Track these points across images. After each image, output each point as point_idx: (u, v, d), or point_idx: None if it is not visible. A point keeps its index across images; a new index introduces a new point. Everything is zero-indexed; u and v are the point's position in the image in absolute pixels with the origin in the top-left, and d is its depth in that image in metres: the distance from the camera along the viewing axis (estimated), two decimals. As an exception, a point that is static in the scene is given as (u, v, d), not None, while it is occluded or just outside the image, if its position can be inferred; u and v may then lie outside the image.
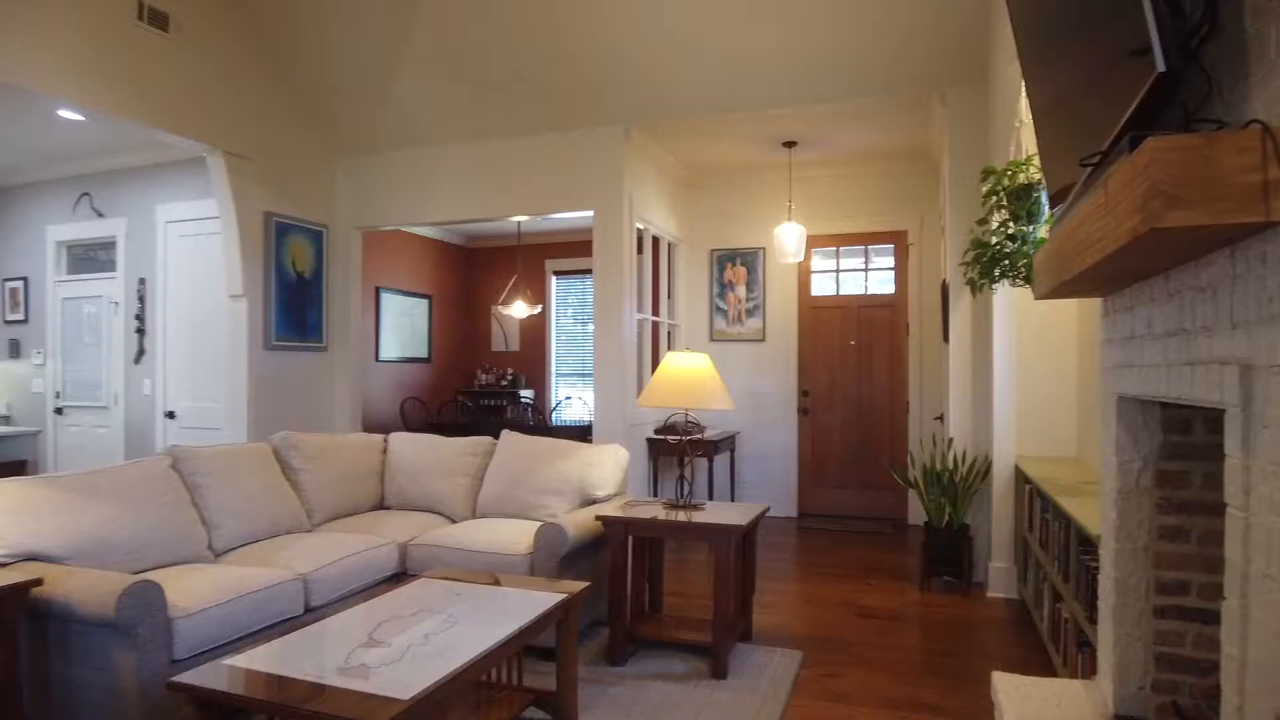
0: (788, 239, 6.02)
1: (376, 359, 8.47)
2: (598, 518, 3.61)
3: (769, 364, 7.07)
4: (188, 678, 2.09)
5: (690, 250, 7.25)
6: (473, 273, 10.16)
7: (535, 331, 9.75)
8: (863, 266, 6.95)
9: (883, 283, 6.89)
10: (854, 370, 6.90)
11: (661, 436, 6.04)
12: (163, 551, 3.24)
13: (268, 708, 1.97)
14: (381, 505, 4.57)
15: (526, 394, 9.42)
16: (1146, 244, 1.30)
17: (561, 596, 2.78)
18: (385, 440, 4.75)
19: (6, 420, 7.35)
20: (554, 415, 8.73)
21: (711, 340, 7.22)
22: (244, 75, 5.40)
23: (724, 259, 7.18)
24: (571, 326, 9.75)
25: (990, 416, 4.56)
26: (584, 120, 5.52)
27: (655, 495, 6.32)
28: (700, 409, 3.67)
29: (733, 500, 6.96)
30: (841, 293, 7.00)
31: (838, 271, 7.02)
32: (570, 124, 5.57)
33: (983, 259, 3.61)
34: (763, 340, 7.08)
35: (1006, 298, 4.39)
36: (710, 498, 6.45)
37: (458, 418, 8.39)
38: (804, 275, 7.03)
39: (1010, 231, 3.52)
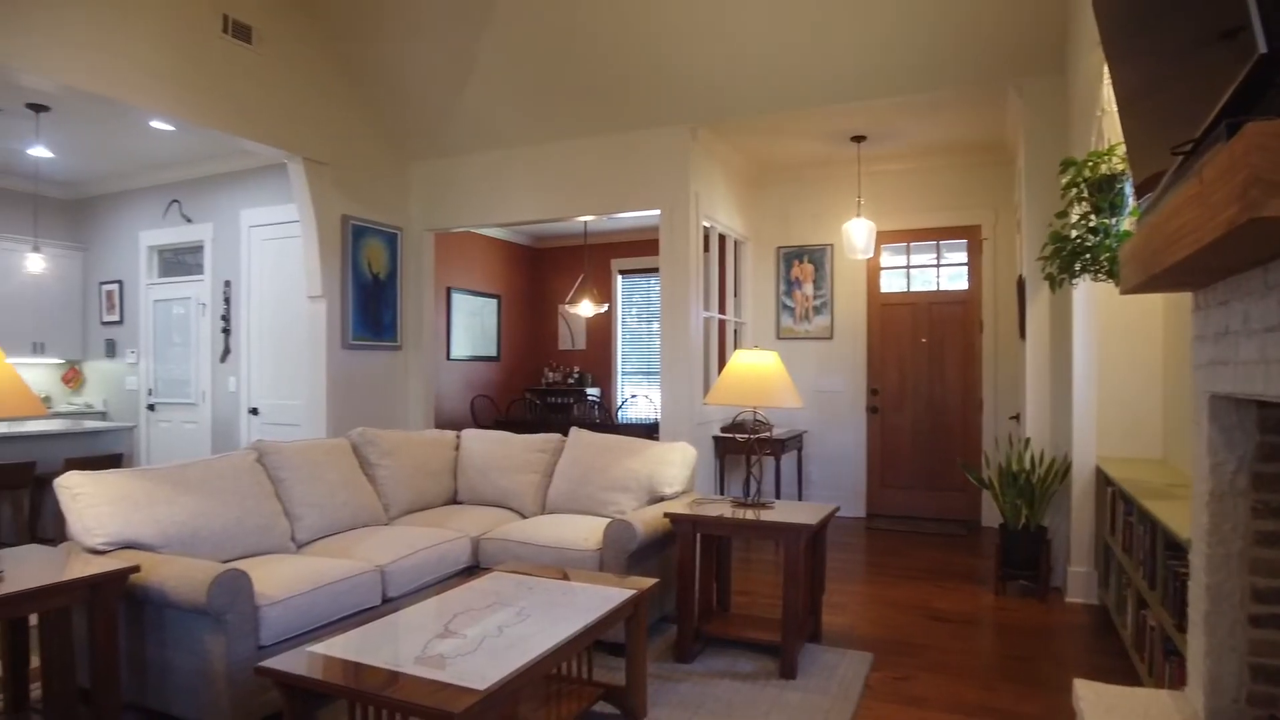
0: (857, 235, 5.93)
1: (447, 357, 8.65)
2: (666, 515, 3.62)
3: (837, 362, 6.98)
4: (274, 663, 2.17)
5: (757, 248, 7.20)
6: (540, 272, 10.29)
7: (601, 330, 9.82)
8: (934, 262, 6.80)
9: (955, 279, 6.73)
10: (925, 368, 6.76)
11: (728, 435, 6.02)
12: (249, 542, 3.38)
13: (349, 694, 2.04)
14: (454, 500, 4.68)
15: (593, 392, 9.50)
16: (1244, 235, 1.24)
17: (631, 593, 2.80)
18: (457, 437, 4.86)
19: (103, 416, 7.75)
20: (620, 413, 8.78)
21: (778, 338, 7.17)
22: (322, 84, 5.58)
23: (791, 256, 7.11)
24: (637, 325, 9.80)
25: (1069, 416, 4.42)
26: (650, 120, 5.54)
27: (722, 493, 6.31)
28: (768, 407, 3.65)
29: (799, 499, 6.89)
30: (912, 289, 6.86)
31: (908, 268, 6.88)
32: (636, 124, 5.60)
33: (1062, 253, 3.50)
34: (830, 338, 6.99)
35: (1087, 293, 4.24)
36: (777, 497, 6.40)
37: (525, 415, 8.51)
38: (873, 272, 6.92)
39: (1092, 224, 3.40)
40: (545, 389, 9.69)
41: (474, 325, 9.10)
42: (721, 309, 6.48)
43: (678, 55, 5.06)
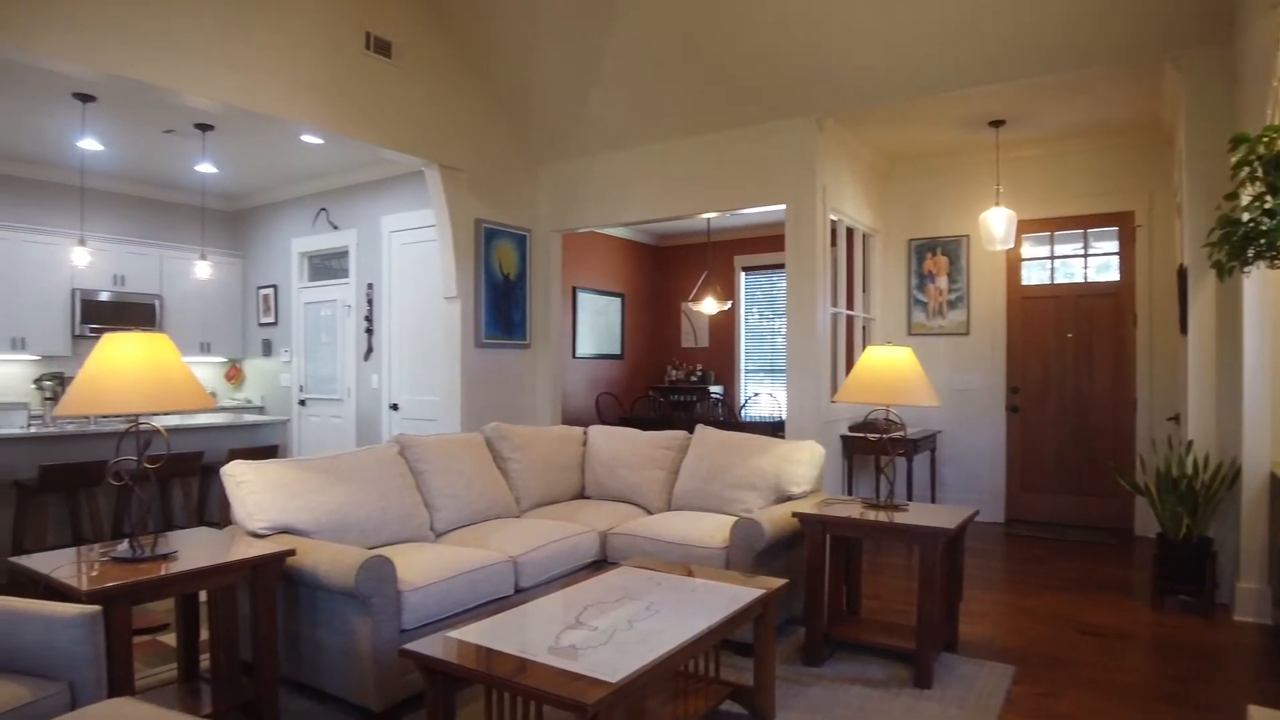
0: (996, 225, 5.64)
1: (573, 355, 8.83)
2: (794, 515, 3.56)
3: (973, 359, 6.67)
4: (417, 646, 2.27)
5: (886, 241, 6.98)
6: (663, 271, 10.35)
7: (724, 328, 9.78)
8: (1081, 252, 6.38)
9: (1104, 269, 6.29)
10: (1071, 365, 6.36)
11: (858, 434, 5.86)
12: (392, 530, 3.56)
13: (486, 680, 2.11)
14: (581, 495, 4.77)
15: (716, 390, 9.47)
16: None
17: (760, 592, 2.77)
18: (585, 433, 4.95)
19: (260, 410, 8.36)
20: (743, 411, 8.71)
21: (910, 334, 6.92)
22: (456, 93, 5.81)
23: (923, 249, 6.85)
24: (760, 322, 9.69)
25: (1238, 417, 4.04)
26: (775, 113, 5.46)
27: (850, 494, 6.15)
28: (902, 405, 3.53)
29: (932, 502, 6.63)
30: (1056, 281, 6.47)
31: (1052, 258, 6.49)
32: (761, 118, 5.53)
33: (1232, 238, 3.18)
34: (966, 334, 6.69)
35: (1261, 282, 3.87)
36: (909, 499, 6.18)
37: (649, 413, 8.58)
38: (1013, 263, 6.57)
39: (1268, 206, 3.08)
40: (668, 387, 9.74)
41: (598, 324, 9.25)
42: (849, 305, 6.31)
43: (803, 45, 4.96)
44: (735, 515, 4.01)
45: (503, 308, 6.24)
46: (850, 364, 6.44)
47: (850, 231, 6.34)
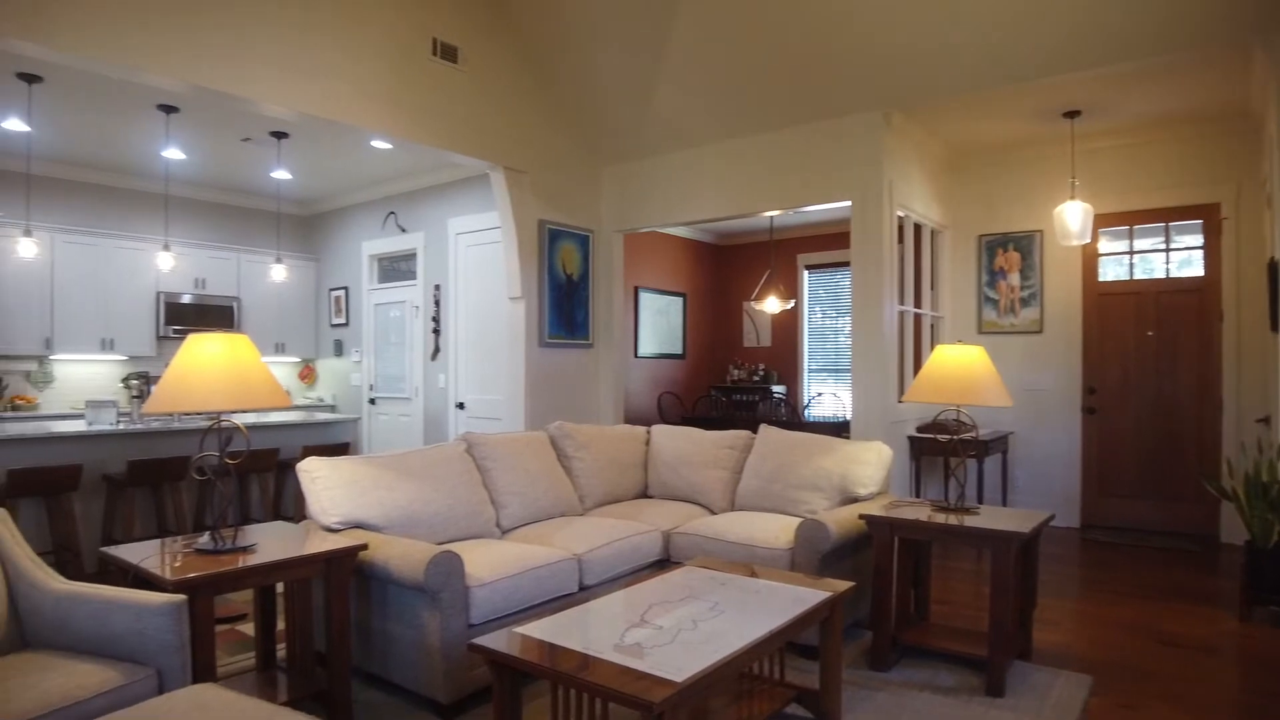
0: (1071, 219, 5.46)
1: (635, 355, 8.86)
2: (861, 516, 3.50)
3: (1047, 358, 6.47)
4: (485, 641, 2.31)
5: (955, 237, 6.82)
6: (724, 270, 10.30)
7: (786, 327, 9.69)
8: (1163, 246, 6.13)
9: (1187, 264, 6.03)
10: (1151, 364, 6.11)
11: (926, 435, 5.74)
12: (459, 526, 3.62)
13: (553, 676, 2.13)
14: (644, 494, 4.78)
15: (779, 389, 9.38)
16: None
17: (827, 594, 2.73)
18: (648, 432, 4.96)
19: (332, 409, 8.61)
20: (806, 411, 8.61)
21: (980, 333, 6.74)
22: (520, 96, 5.88)
23: (994, 245, 6.67)
24: (823, 321, 9.57)
25: (1339, 419, 3.83)
26: (840, 108, 5.38)
27: (917, 496, 6.02)
28: (974, 405, 3.44)
29: (1003, 505, 6.45)
30: (1135, 277, 6.22)
31: (1130, 253, 6.25)
32: (825, 113, 5.46)
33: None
34: (1040, 332, 6.48)
35: (1362, 277, 3.66)
36: (979, 502, 6.02)
37: (710, 412, 8.55)
38: (1089, 259, 6.34)
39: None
40: (730, 386, 9.69)
41: (660, 323, 9.26)
42: (917, 303, 6.18)
43: (869, 38, 4.87)
44: (800, 516, 3.97)
45: (566, 308, 6.29)
46: (918, 363, 6.31)
47: (918, 227, 6.22)
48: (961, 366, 3.50)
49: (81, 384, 7.34)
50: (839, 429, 6.84)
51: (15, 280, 6.71)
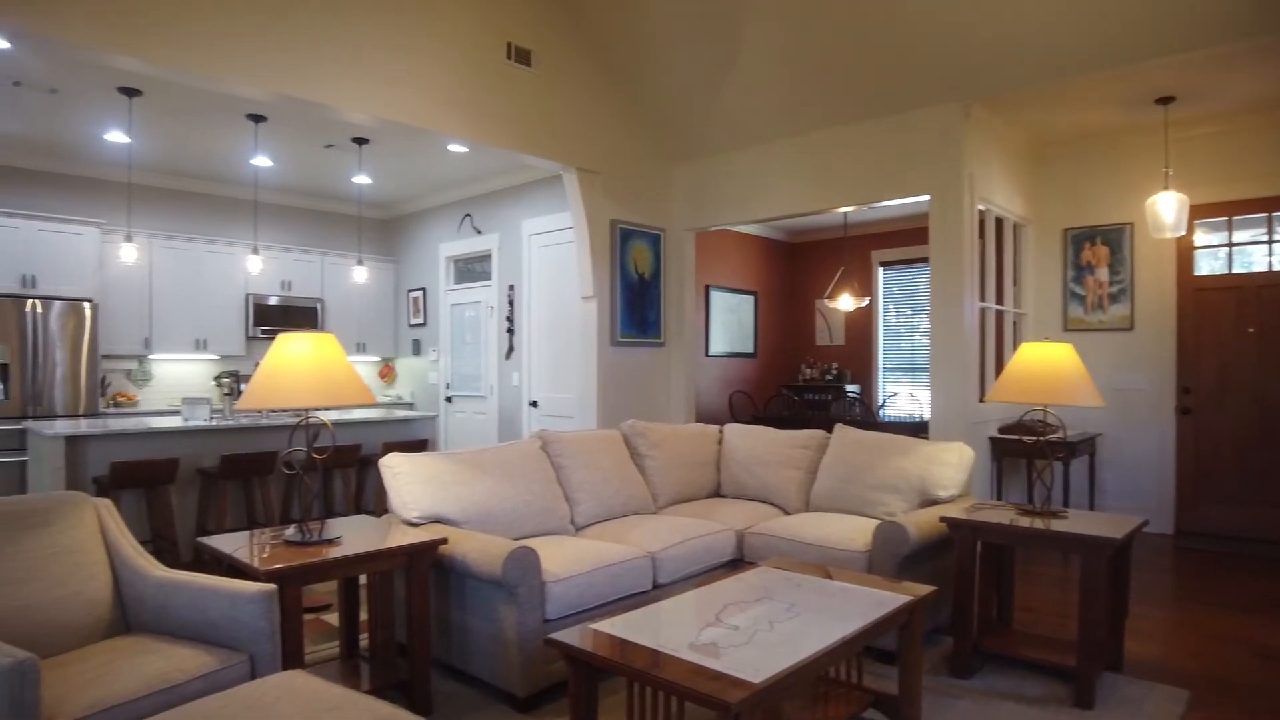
0: (1165, 211, 5.20)
1: (706, 354, 8.83)
2: (942, 519, 3.41)
3: (1137, 356, 6.18)
4: (562, 636, 2.33)
5: (1039, 231, 6.58)
6: (796, 267, 10.18)
7: (860, 325, 9.51)
8: (1265, 238, 5.79)
9: (1295, 257, 5.69)
10: (1253, 363, 5.78)
11: (1009, 436, 5.56)
12: (534, 523, 3.67)
13: (630, 673, 2.13)
14: (717, 493, 4.75)
15: (852, 389, 9.22)
16: None
17: (907, 598, 2.67)
18: (720, 431, 4.93)
19: (411, 406, 8.83)
20: (881, 411, 8.44)
21: (1065, 330, 6.49)
22: (592, 97, 5.92)
23: (1081, 238, 6.41)
24: (898, 319, 9.36)
25: None
26: (918, 100, 5.25)
27: (999, 499, 5.84)
28: (1062, 405, 3.31)
29: (1090, 509, 6.20)
30: (1235, 271, 5.90)
31: (1230, 245, 5.92)
32: (902, 106, 5.33)
33: None
34: (1130, 329, 6.21)
35: None
36: (1065, 505, 5.80)
37: (782, 412, 8.46)
38: (1184, 252, 6.04)
39: None
40: (802, 385, 9.57)
41: (731, 322, 9.20)
42: (999, 299, 5.99)
43: (946, 26, 4.74)
44: (877, 518, 3.89)
45: (637, 307, 6.31)
46: (1000, 362, 6.11)
47: (999, 221, 6.02)
48: (1049, 365, 3.38)
49: (177, 382, 7.71)
50: (916, 429, 6.68)
51: (118, 284, 7.09)
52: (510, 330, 7.48)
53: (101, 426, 5.07)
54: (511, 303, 7.47)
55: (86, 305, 6.64)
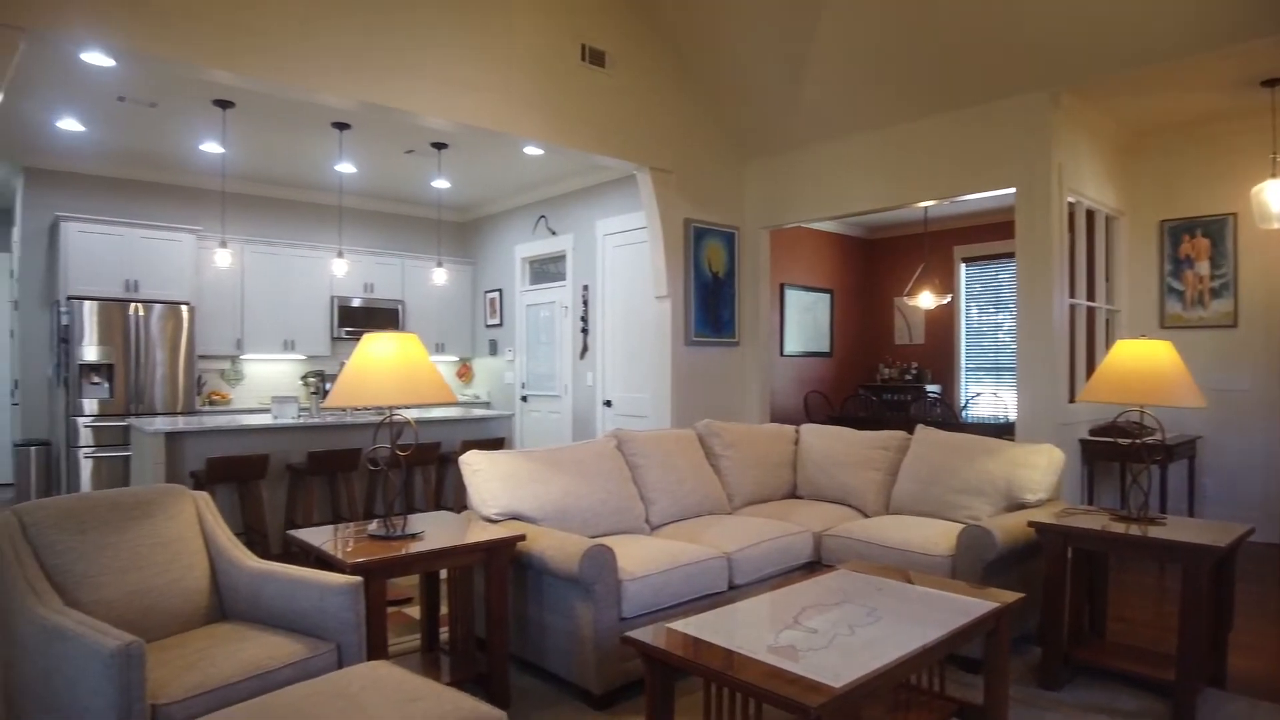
0: (1272, 199, 4.90)
1: (780, 353, 8.73)
2: (1030, 524, 3.28)
3: (1241, 354, 5.84)
4: (639, 635, 2.33)
5: (1133, 223, 6.28)
6: (873, 264, 9.97)
7: (940, 323, 9.26)
8: (1388, 229, 5.40)
9: None
10: (1374, 362, 5.39)
11: (1102, 438, 5.32)
12: (610, 521, 3.69)
13: (707, 674, 2.12)
14: (793, 494, 4.69)
15: (933, 389, 8.98)
16: None
17: (995, 605, 2.58)
18: (796, 431, 4.87)
19: (488, 405, 8.99)
20: (964, 412, 8.19)
21: (1162, 327, 6.18)
22: (665, 97, 5.92)
23: (1179, 231, 6.10)
24: (981, 317, 9.08)
25: None
26: (1003, 89, 5.07)
27: (1090, 504, 5.59)
28: (1161, 406, 3.15)
29: (1189, 515, 5.89)
30: (1353, 264, 5.52)
31: (1347, 238, 5.55)
32: (986, 96, 5.16)
33: None
34: (1233, 326, 5.87)
35: None
36: (1162, 511, 5.52)
37: (859, 412, 8.30)
38: (1294, 245, 5.68)
39: None
40: (880, 385, 9.37)
41: (806, 321, 9.07)
42: (1090, 295, 5.74)
43: (1034, 11, 4.56)
44: (960, 522, 3.78)
45: (711, 306, 6.28)
46: (1091, 361, 5.86)
47: (1090, 214, 5.77)
48: (1146, 363, 3.22)
49: (266, 381, 8.04)
50: (1001, 430, 6.46)
51: (213, 288, 7.43)
52: (584, 330, 7.53)
53: (198, 424, 5.31)
54: (586, 303, 7.52)
55: (184, 308, 6.98)
